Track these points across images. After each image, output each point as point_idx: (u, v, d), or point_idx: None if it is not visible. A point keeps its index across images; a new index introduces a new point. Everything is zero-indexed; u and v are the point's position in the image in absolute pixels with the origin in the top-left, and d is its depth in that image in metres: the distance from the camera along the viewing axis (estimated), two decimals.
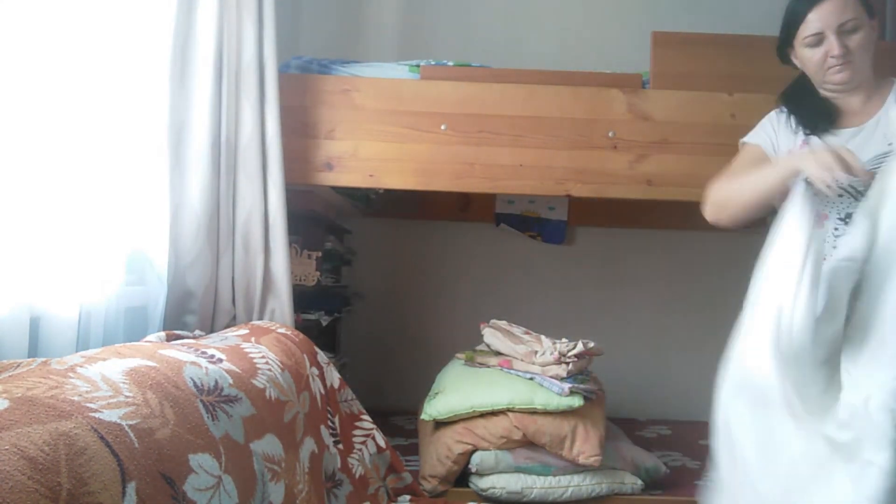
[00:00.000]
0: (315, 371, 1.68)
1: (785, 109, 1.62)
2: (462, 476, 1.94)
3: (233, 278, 1.88)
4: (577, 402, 1.90)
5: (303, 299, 2.20)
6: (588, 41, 3.10)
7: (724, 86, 2.15)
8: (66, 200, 1.31)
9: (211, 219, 1.76)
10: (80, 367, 0.97)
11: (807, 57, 1.52)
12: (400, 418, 2.85)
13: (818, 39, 1.47)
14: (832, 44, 1.45)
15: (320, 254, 2.33)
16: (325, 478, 1.49)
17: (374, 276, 3.28)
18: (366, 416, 1.85)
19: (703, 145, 2.12)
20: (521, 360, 2.04)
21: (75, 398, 0.87)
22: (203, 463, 0.98)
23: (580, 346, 2.01)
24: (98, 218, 1.40)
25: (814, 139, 1.56)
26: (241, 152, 1.88)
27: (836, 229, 1.47)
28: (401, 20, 3.15)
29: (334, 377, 1.79)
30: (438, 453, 1.93)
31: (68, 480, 0.74)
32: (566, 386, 1.91)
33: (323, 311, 2.48)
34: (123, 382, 0.97)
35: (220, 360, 1.26)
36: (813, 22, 1.46)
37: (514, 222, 3.15)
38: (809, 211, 1.26)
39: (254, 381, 1.30)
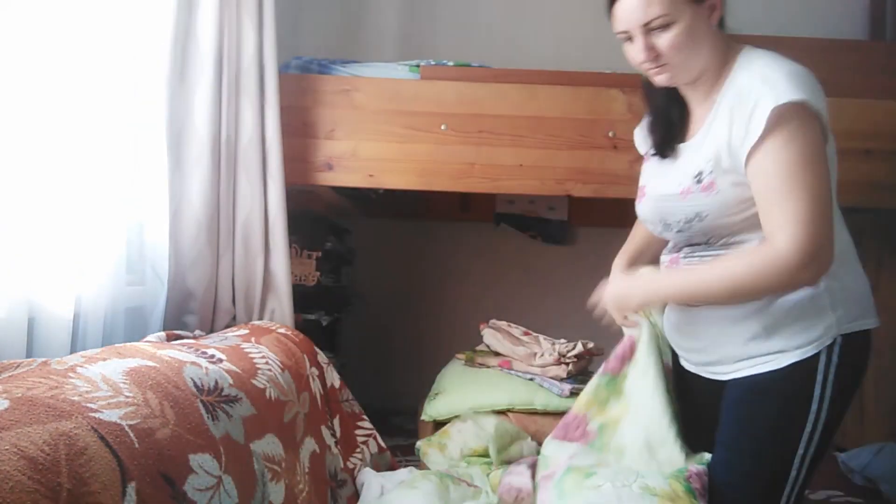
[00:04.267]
0: (315, 371, 1.68)
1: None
2: None
3: (233, 278, 1.88)
4: None
5: (303, 299, 2.20)
6: (588, 41, 3.08)
7: None
8: (65, 200, 1.31)
9: (211, 219, 1.76)
10: (81, 367, 0.97)
11: (627, 54, 1.31)
12: (400, 418, 2.84)
13: (627, 37, 1.26)
14: (638, 46, 1.24)
15: (320, 254, 2.33)
16: (328, 477, 1.49)
17: (374, 276, 3.28)
18: (366, 417, 1.85)
19: None
20: (521, 362, 2.04)
21: (75, 398, 0.87)
22: (203, 463, 0.98)
23: (579, 347, 2.01)
24: (98, 218, 1.40)
25: (652, 161, 1.41)
26: (241, 152, 1.87)
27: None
28: (401, 20, 3.15)
29: (334, 377, 1.79)
30: None
31: (68, 480, 0.74)
32: (566, 387, 1.91)
33: (323, 311, 2.48)
34: (123, 382, 0.96)
35: (221, 360, 1.26)
36: (618, 19, 1.25)
37: (514, 222, 3.15)
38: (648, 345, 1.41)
39: (254, 381, 1.30)
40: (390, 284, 3.29)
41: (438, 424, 1.99)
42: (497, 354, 2.20)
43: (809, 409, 1.22)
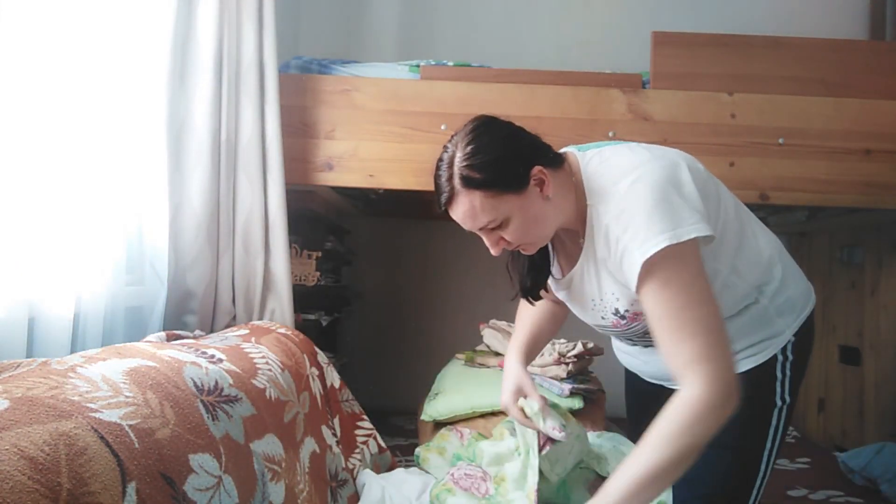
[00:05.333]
0: (315, 371, 1.68)
1: None
2: None
3: (233, 278, 1.88)
4: (577, 403, 1.90)
5: (303, 299, 2.20)
6: (588, 41, 3.10)
7: (724, 86, 2.15)
8: (65, 200, 1.30)
9: (211, 219, 1.76)
10: (81, 367, 0.97)
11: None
12: (400, 418, 2.85)
13: None
14: (487, 241, 1.19)
15: (320, 254, 2.33)
16: (329, 477, 1.49)
17: (374, 276, 3.28)
18: (366, 417, 1.85)
19: (703, 145, 2.12)
20: None
21: (75, 398, 0.87)
22: (203, 463, 0.97)
23: (579, 347, 2.01)
24: (97, 218, 1.40)
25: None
26: (241, 152, 1.87)
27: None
28: (401, 20, 3.15)
29: (334, 377, 1.79)
30: None
31: (68, 480, 0.74)
32: (566, 387, 1.91)
33: (323, 311, 2.48)
34: (123, 382, 0.96)
35: (221, 360, 1.25)
36: (454, 217, 1.18)
37: None
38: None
39: (254, 381, 1.30)
40: (390, 284, 3.29)
41: (438, 424, 1.99)
42: (497, 354, 2.20)
43: (774, 406, 1.27)
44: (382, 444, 1.82)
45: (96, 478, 0.77)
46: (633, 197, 1.11)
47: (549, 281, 1.37)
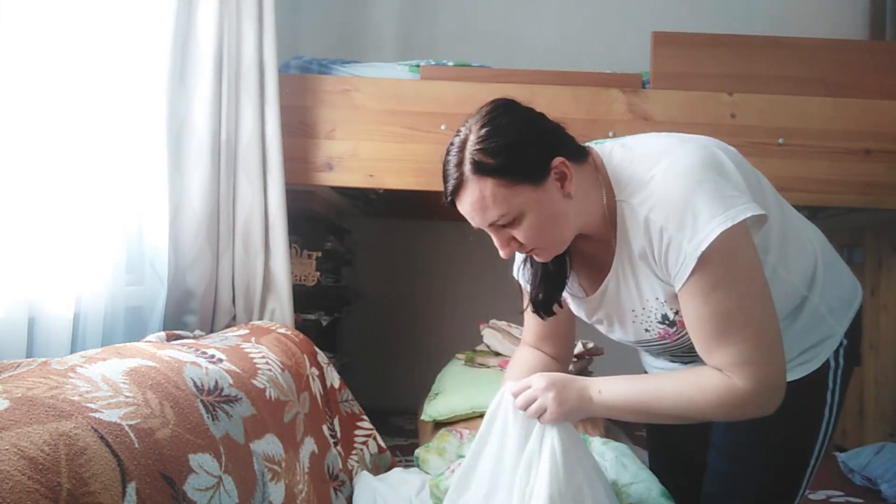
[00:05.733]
0: (315, 371, 1.68)
1: None
2: None
3: (233, 278, 1.88)
4: None
5: (303, 299, 2.20)
6: (588, 41, 3.10)
7: (724, 86, 2.15)
8: (65, 200, 1.30)
9: (211, 219, 1.76)
10: (80, 367, 0.97)
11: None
12: (400, 418, 2.85)
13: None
14: (497, 241, 1.07)
15: (320, 254, 2.33)
16: (329, 477, 1.49)
17: (374, 276, 3.28)
18: (365, 417, 1.85)
19: None
20: None
21: (75, 398, 0.87)
22: (203, 463, 0.97)
23: (579, 347, 2.01)
24: (97, 217, 1.40)
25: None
26: (241, 152, 1.87)
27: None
28: (401, 20, 3.15)
29: (334, 377, 1.79)
30: None
31: (68, 480, 0.73)
32: None
33: (323, 311, 2.48)
34: (123, 382, 0.96)
35: (221, 360, 1.25)
36: (462, 211, 1.05)
37: None
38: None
39: (254, 381, 1.30)
40: (390, 284, 3.29)
41: (438, 424, 1.99)
42: (497, 354, 2.20)
43: (822, 418, 1.18)
44: (382, 445, 1.82)
45: (96, 478, 0.77)
46: (673, 183, 0.98)
47: (573, 305, 1.23)
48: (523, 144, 1.01)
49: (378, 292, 3.27)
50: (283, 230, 1.95)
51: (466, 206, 1.02)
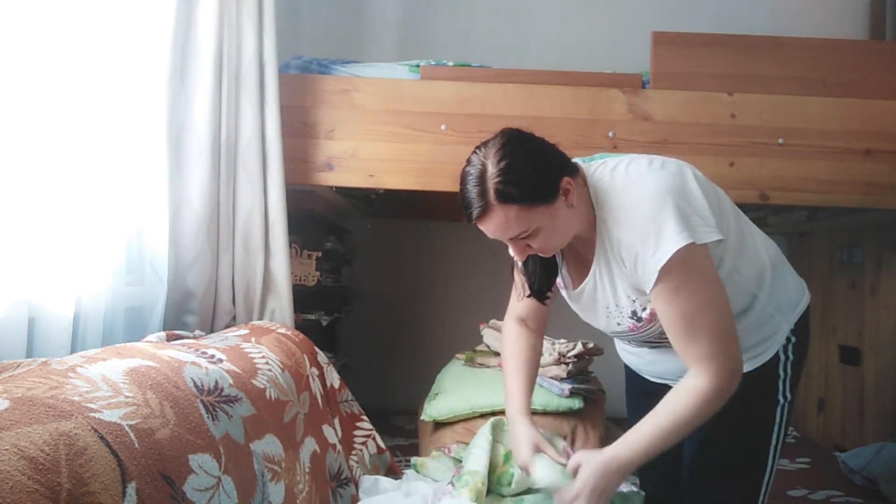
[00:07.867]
0: (315, 371, 1.68)
1: None
2: None
3: (233, 278, 1.88)
4: (577, 403, 1.90)
5: (303, 299, 2.20)
6: (588, 41, 3.10)
7: (724, 86, 2.15)
8: (65, 200, 1.30)
9: (211, 219, 1.76)
10: (81, 367, 0.97)
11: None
12: (400, 418, 2.85)
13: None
14: (513, 250, 1.26)
15: (320, 254, 2.33)
16: (329, 477, 1.49)
17: (374, 276, 3.28)
18: (365, 417, 1.85)
19: (703, 145, 2.12)
20: None
21: (75, 398, 0.87)
22: (203, 463, 0.98)
23: (579, 347, 2.01)
24: (97, 218, 1.40)
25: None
26: (241, 152, 1.87)
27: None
28: (401, 20, 3.15)
29: (334, 377, 1.79)
30: None
31: (68, 480, 0.74)
32: (566, 387, 1.91)
33: (323, 311, 2.48)
34: (123, 382, 0.96)
35: (221, 360, 1.25)
36: (484, 230, 1.22)
37: None
38: None
39: (254, 381, 1.30)
40: (390, 284, 3.29)
41: (438, 424, 1.99)
42: (497, 354, 2.20)
43: (777, 403, 1.36)
44: (381, 445, 1.82)
45: (96, 478, 0.77)
46: (643, 207, 1.19)
47: (562, 291, 1.44)
48: (539, 172, 1.18)
49: (378, 292, 3.27)
50: (283, 230, 1.95)
51: (491, 227, 1.20)
